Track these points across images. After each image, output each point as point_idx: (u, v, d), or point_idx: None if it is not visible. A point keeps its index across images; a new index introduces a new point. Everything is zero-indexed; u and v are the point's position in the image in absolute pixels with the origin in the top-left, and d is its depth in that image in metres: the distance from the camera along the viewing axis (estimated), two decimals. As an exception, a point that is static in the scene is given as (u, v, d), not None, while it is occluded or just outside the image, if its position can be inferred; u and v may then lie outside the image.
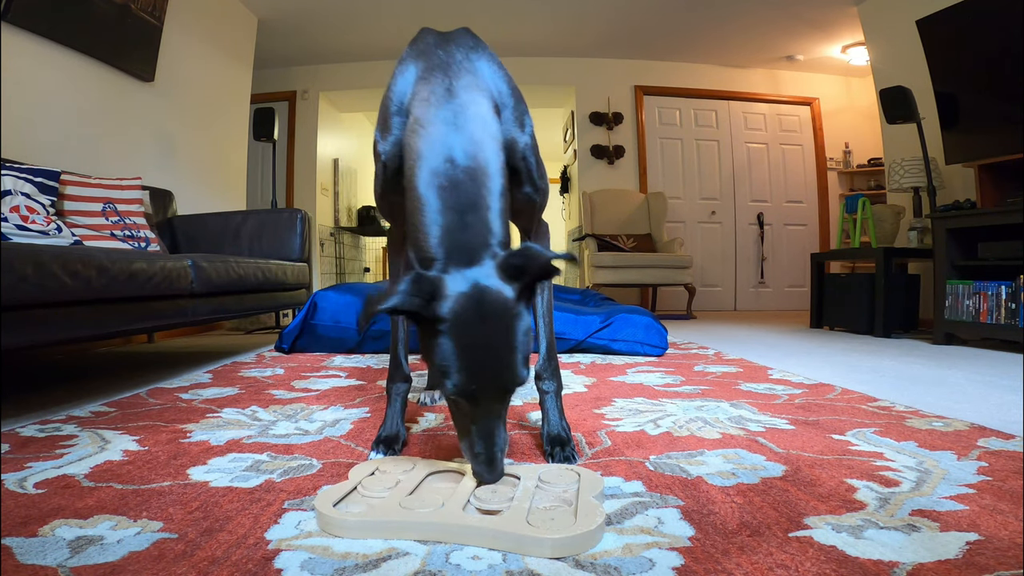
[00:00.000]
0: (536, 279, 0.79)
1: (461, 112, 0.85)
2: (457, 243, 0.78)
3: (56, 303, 1.38)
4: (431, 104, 0.86)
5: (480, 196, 0.81)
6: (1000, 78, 2.85)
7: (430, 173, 0.81)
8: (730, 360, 2.27)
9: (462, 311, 0.75)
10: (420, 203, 0.81)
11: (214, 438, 1.16)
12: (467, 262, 0.78)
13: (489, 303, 0.75)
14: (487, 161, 0.83)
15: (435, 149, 0.82)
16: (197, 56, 3.78)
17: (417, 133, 0.85)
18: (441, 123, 0.84)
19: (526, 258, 0.77)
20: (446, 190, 0.80)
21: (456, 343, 0.75)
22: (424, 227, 0.80)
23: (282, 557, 0.66)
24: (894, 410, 1.39)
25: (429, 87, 0.88)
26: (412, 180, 0.83)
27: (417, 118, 0.86)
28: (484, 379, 0.76)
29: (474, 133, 0.84)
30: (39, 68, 2.55)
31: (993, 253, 2.73)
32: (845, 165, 5.94)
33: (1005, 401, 1.55)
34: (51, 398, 1.57)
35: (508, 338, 0.76)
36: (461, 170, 0.81)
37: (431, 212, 0.80)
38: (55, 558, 0.65)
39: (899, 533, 0.71)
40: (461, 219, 0.79)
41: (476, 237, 0.79)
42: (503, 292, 0.77)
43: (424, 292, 0.75)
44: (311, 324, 2.56)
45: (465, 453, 0.82)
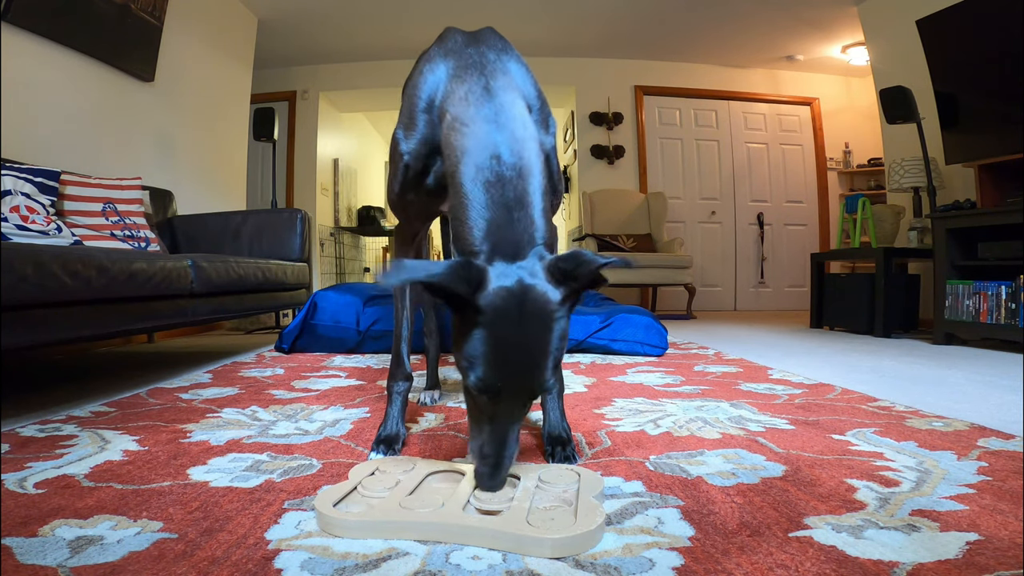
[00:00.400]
0: (584, 287, 0.77)
1: (502, 111, 0.84)
2: (504, 238, 0.77)
3: (56, 303, 1.38)
4: (471, 103, 0.86)
5: (527, 193, 0.80)
6: (1000, 78, 2.85)
7: (476, 169, 0.80)
8: (730, 360, 2.27)
9: (503, 304, 0.73)
10: (466, 199, 0.80)
11: (214, 438, 1.16)
12: (512, 257, 0.76)
13: (531, 301, 0.74)
14: (531, 160, 0.83)
15: (480, 146, 0.82)
16: (197, 56, 3.78)
17: (459, 131, 0.84)
18: (484, 121, 0.83)
19: (577, 263, 0.74)
20: (493, 186, 0.79)
21: (490, 336, 0.73)
22: (470, 221, 0.79)
23: (282, 557, 0.66)
24: (894, 410, 1.39)
25: (466, 86, 0.88)
26: (457, 177, 0.82)
27: (457, 116, 0.86)
28: (510, 378, 0.74)
29: (516, 131, 0.84)
30: (39, 68, 2.55)
31: (993, 253, 2.73)
32: (845, 165, 5.94)
33: (1005, 401, 1.55)
34: (51, 398, 1.57)
35: (544, 340, 0.74)
36: (508, 167, 0.80)
37: (478, 207, 0.79)
38: (55, 558, 0.65)
39: (899, 533, 0.71)
40: (508, 215, 0.78)
41: (523, 234, 0.78)
42: (547, 293, 0.75)
43: (471, 278, 0.72)
44: (311, 324, 2.56)
45: (472, 452, 0.80)
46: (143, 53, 3.19)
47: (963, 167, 3.27)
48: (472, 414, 0.81)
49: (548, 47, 5.52)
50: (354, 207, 6.90)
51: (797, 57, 5.59)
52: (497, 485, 0.78)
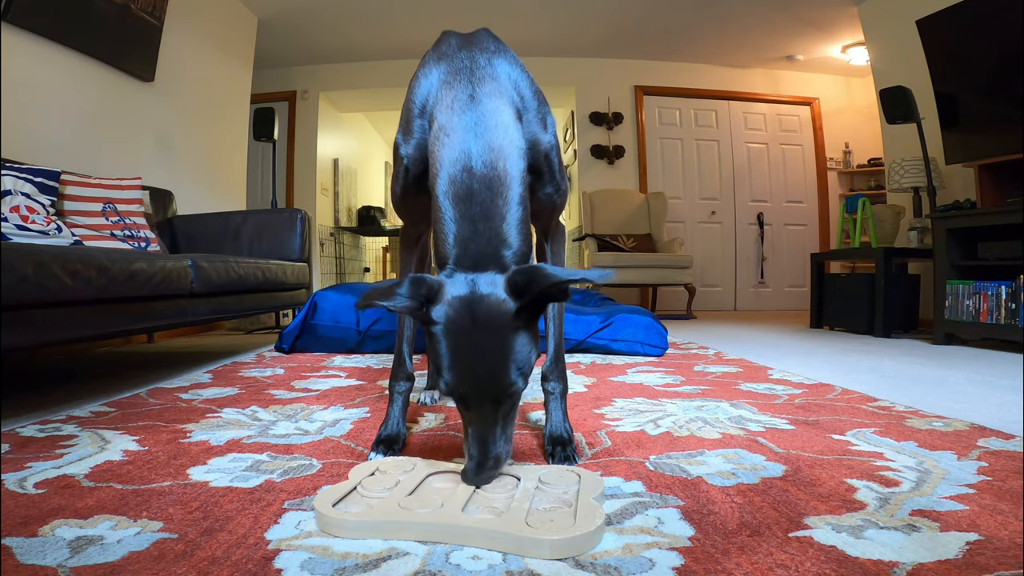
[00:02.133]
0: (541, 300, 0.78)
1: (482, 120, 0.86)
2: (466, 251, 0.80)
3: (56, 303, 1.38)
4: (454, 111, 0.87)
5: (495, 206, 0.82)
6: (1000, 78, 2.85)
7: (448, 182, 0.83)
8: (730, 360, 2.27)
9: (453, 314, 0.77)
10: (439, 211, 0.83)
11: (214, 438, 1.16)
12: (472, 270, 0.80)
13: (482, 310, 0.77)
14: (506, 170, 0.84)
15: (454, 158, 0.84)
16: (197, 56, 3.78)
17: (440, 141, 0.86)
18: (462, 130, 0.85)
19: (530, 278, 0.76)
20: (461, 200, 0.82)
21: (446, 344, 0.77)
22: (442, 234, 0.82)
23: (282, 557, 0.66)
24: (894, 410, 1.39)
25: (452, 93, 0.90)
26: (434, 188, 0.85)
27: (441, 125, 0.88)
28: (470, 384, 0.77)
29: (493, 141, 0.85)
30: (39, 68, 2.55)
31: (993, 253, 2.73)
32: (845, 165, 5.94)
33: (1005, 401, 1.55)
34: (51, 398, 1.57)
35: (499, 347, 0.77)
36: (477, 179, 0.82)
37: (448, 220, 0.82)
38: (55, 558, 0.65)
39: (899, 533, 0.71)
40: (473, 228, 0.81)
41: (486, 247, 0.80)
42: (501, 302, 0.77)
43: (420, 294, 0.77)
44: (311, 324, 2.56)
45: (465, 451, 0.83)
46: (143, 53, 3.19)
47: (963, 167, 3.27)
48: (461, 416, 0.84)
49: (548, 47, 5.52)
50: (354, 207, 6.90)
51: (797, 57, 5.59)
52: (480, 481, 0.80)
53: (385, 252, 7.63)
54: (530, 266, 0.78)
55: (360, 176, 7.23)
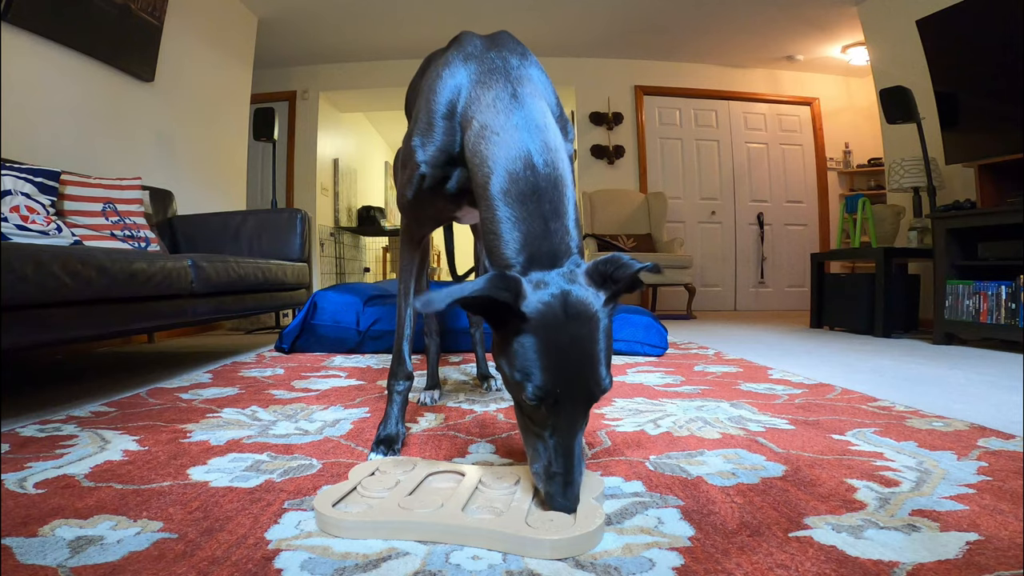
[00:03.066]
0: (624, 290, 0.76)
1: (532, 119, 0.83)
2: (540, 250, 0.77)
3: (56, 303, 1.38)
4: (500, 111, 0.84)
5: (562, 204, 0.80)
6: (1000, 78, 2.85)
7: (509, 180, 0.79)
8: (730, 360, 2.27)
9: (547, 309, 0.72)
10: (498, 212, 0.79)
11: (214, 438, 1.16)
12: (549, 267, 0.76)
13: (575, 304, 0.73)
14: (564, 170, 0.82)
15: (512, 156, 0.80)
16: (197, 56, 3.78)
17: (489, 140, 0.83)
18: (515, 129, 0.82)
19: (616, 266, 0.75)
20: (528, 198, 0.78)
21: (541, 343, 0.71)
22: (505, 235, 0.78)
23: (282, 557, 0.66)
24: (894, 410, 1.39)
25: (492, 92, 0.87)
26: (489, 189, 0.81)
27: (486, 124, 0.84)
28: (570, 381, 0.71)
29: (548, 140, 0.82)
30: (39, 68, 2.55)
31: (993, 253, 2.73)
32: (845, 165, 5.94)
33: (1005, 401, 1.55)
34: (51, 398, 1.57)
35: (593, 340, 0.73)
36: (543, 177, 0.79)
37: (510, 219, 0.78)
38: (55, 558, 0.65)
39: (899, 533, 0.71)
40: (545, 226, 0.78)
41: (560, 244, 0.78)
42: (591, 296, 0.74)
43: (510, 287, 0.71)
44: (311, 324, 2.56)
45: (536, 476, 0.75)
46: (143, 53, 3.19)
47: (963, 167, 3.27)
48: (529, 434, 0.77)
49: (548, 47, 5.52)
50: (354, 207, 6.90)
51: (797, 57, 5.59)
52: (573, 504, 0.72)
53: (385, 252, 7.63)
54: (612, 255, 0.76)
55: (360, 176, 7.23)
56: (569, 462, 0.72)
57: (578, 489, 0.73)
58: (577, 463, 0.73)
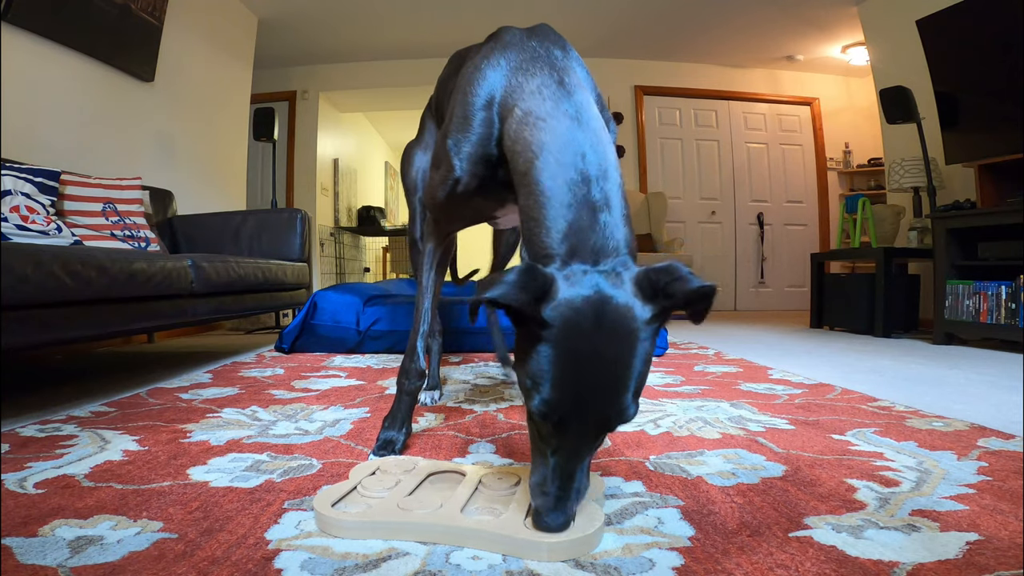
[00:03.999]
0: (678, 307, 0.66)
1: (582, 109, 0.77)
2: (584, 241, 0.68)
3: (56, 303, 1.38)
4: (546, 98, 0.79)
5: (614, 195, 0.72)
6: (1000, 78, 2.84)
7: (557, 165, 0.73)
8: (730, 360, 2.27)
9: (574, 316, 0.63)
10: (543, 197, 0.72)
11: (214, 438, 1.16)
12: (593, 263, 0.67)
13: (610, 313, 0.63)
14: (614, 162, 0.75)
15: (562, 142, 0.74)
16: (197, 56, 3.78)
17: (535, 126, 0.77)
18: (564, 117, 0.76)
19: (672, 277, 0.64)
20: (577, 185, 0.71)
21: (557, 352, 0.62)
22: (547, 222, 0.70)
23: (282, 557, 0.66)
24: (894, 410, 1.39)
25: (537, 80, 0.81)
26: (532, 174, 0.74)
27: (530, 111, 0.78)
28: (579, 402, 0.63)
29: (598, 132, 0.76)
30: (39, 68, 2.55)
31: (993, 253, 2.73)
32: (845, 165, 5.94)
33: (1005, 401, 1.55)
34: (51, 398, 1.57)
35: (623, 360, 0.63)
36: (593, 165, 0.72)
37: (557, 206, 0.70)
38: (55, 558, 0.65)
39: (899, 533, 0.71)
40: (593, 216, 0.69)
41: (608, 239, 0.68)
42: (631, 306, 0.64)
43: (535, 287, 0.63)
44: (311, 324, 2.56)
45: (532, 488, 0.69)
46: (143, 53, 3.19)
47: (963, 167, 3.27)
48: (534, 444, 0.71)
49: (548, 47, 5.51)
50: (354, 207, 6.90)
51: (797, 57, 5.58)
52: (559, 526, 0.66)
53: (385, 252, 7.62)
54: (669, 263, 0.66)
55: (360, 176, 7.23)
56: (567, 485, 0.66)
57: (571, 513, 0.68)
58: (576, 488, 0.67)
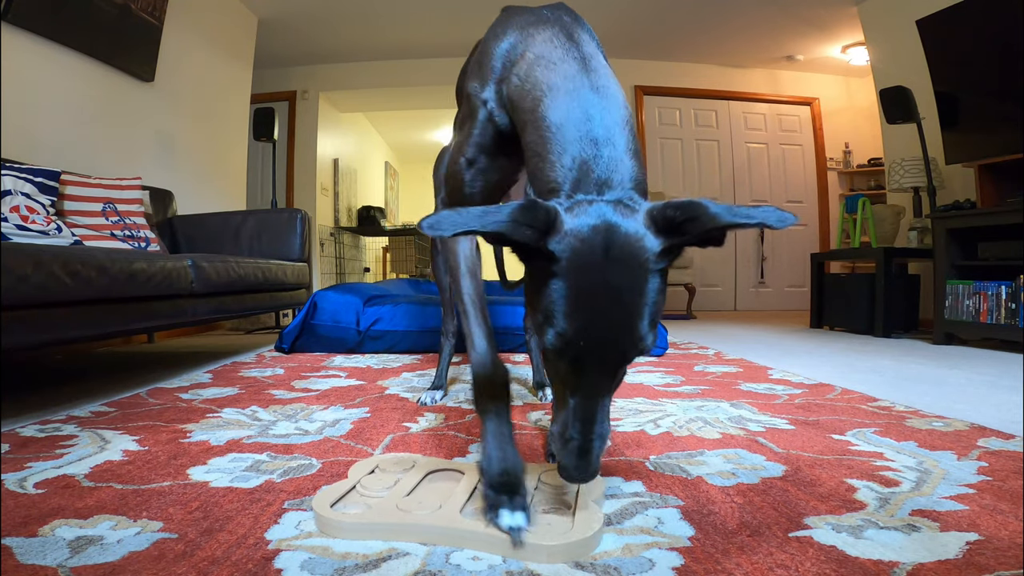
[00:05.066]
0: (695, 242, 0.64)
1: (592, 59, 0.77)
2: (588, 173, 0.67)
3: (56, 303, 1.38)
4: (556, 46, 0.79)
5: (618, 129, 0.71)
6: (1000, 78, 2.84)
7: (566, 100, 0.72)
8: (730, 360, 2.27)
9: (583, 247, 0.61)
10: (548, 131, 0.71)
11: (214, 438, 1.16)
12: (598, 194, 0.66)
13: (620, 242, 0.62)
14: (621, 101, 0.74)
15: (570, 82, 0.73)
16: (197, 56, 3.78)
17: (545, 67, 0.76)
18: (573, 61, 0.76)
19: (691, 214, 0.62)
20: (581, 121, 0.70)
21: (567, 283, 0.61)
22: (552, 156, 0.70)
23: (282, 557, 0.66)
24: (894, 410, 1.39)
25: (548, 31, 0.81)
26: (539, 110, 0.73)
27: (541, 55, 0.78)
28: (596, 333, 0.61)
29: (602, 74, 0.76)
30: (39, 68, 2.55)
31: (993, 253, 2.73)
32: (845, 165, 5.94)
33: (1005, 401, 1.55)
34: (51, 398, 1.57)
35: (635, 288, 0.62)
36: (595, 103, 0.71)
37: (561, 140, 0.70)
38: (55, 558, 0.65)
39: (899, 533, 0.71)
40: (596, 150, 0.68)
41: (612, 172, 0.68)
42: (641, 235, 0.63)
43: (537, 221, 0.61)
44: (311, 324, 2.56)
45: (551, 438, 0.68)
46: (143, 53, 3.19)
47: (963, 167, 3.27)
48: (554, 388, 0.70)
49: (548, 47, 5.51)
50: (354, 207, 6.90)
51: (797, 57, 5.58)
52: (590, 475, 0.65)
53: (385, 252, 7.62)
54: (689, 201, 0.64)
55: (360, 176, 7.23)
56: (588, 428, 0.64)
57: (596, 460, 0.65)
58: (599, 428, 0.65)
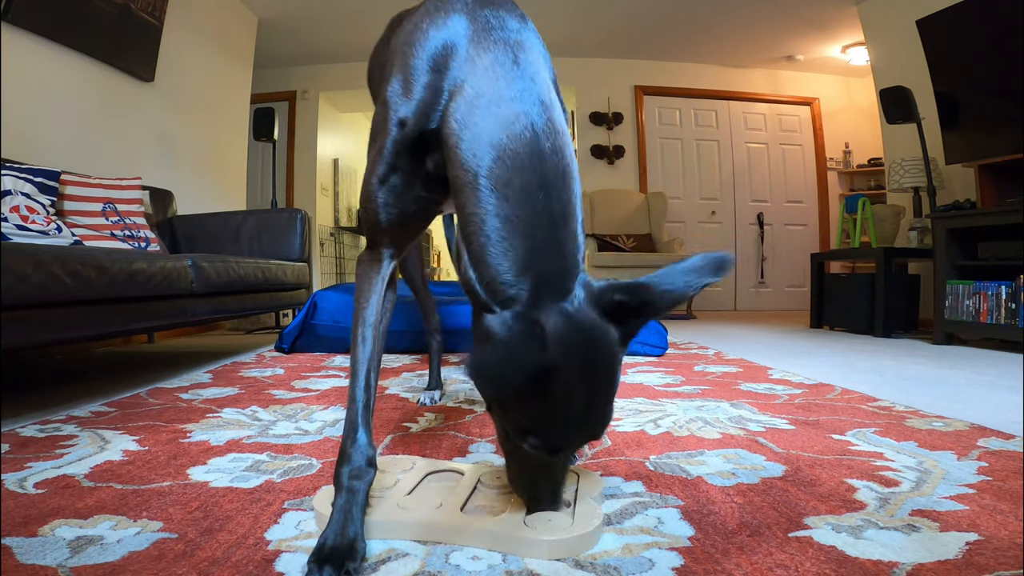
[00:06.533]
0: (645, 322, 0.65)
1: (537, 93, 0.67)
2: (549, 270, 0.61)
3: (56, 303, 1.38)
4: (499, 77, 0.67)
5: (571, 203, 0.64)
6: (1000, 78, 2.84)
7: (511, 167, 0.62)
8: (730, 360, 2.27)
9: (568, 364, 0.59)
10: (491, 206, 0.62)
11: (214, 438, 1.16)
12: (562, 295, 0.61)
13: (597, 350, 0.61)
14: (571, 158, 0.67)
15: (514, 134, 0.63)
16: (197, 56, 3.78)
17: (486, 110, 0.65)
18: (518, 102, 0.65)
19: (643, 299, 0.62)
20: (533, 193, 0.62)
21: (558, 399, 0.60)
22: (500, 241, 0.61)
23: (283, 558, 0.66)
24: (894, 410, 1.39)
25: (490, 55, 0.68)
26: (480, 173, 0.63)
27: (481, 92, 0.66)
28: (578, 433, 0.65)
29: (555, 121, 0.67)
30: (39, 68, 2.55)
31: (993, 253, 2.73)
32: (845, 165, 5.94)
33: (1005, 401, 1.55)
34: (51, 398, 1.57)
35: (612, 387, 0.64)
36: (550, 167, 0.63)
37: (510, 221, 0.61)
38: (55, 558, 0.65)
39: (899, 533, 0.71)
40: (553, 234, 0.62)
41: (569, 260, 0.63)
42: (608, 333, 0.62)
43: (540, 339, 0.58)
44: (311, 324, 2.56)
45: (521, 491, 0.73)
46: (143, 53, 3.19)
47: (963, 167, 3.27)
48: (512, 461, 0.71)
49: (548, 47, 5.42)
50: (354, 207, 6.91)
51: (797, 57, 5.58)
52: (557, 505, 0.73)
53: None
54: (636, 284, 0.62)
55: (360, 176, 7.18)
56: (556, 489, 0.71)
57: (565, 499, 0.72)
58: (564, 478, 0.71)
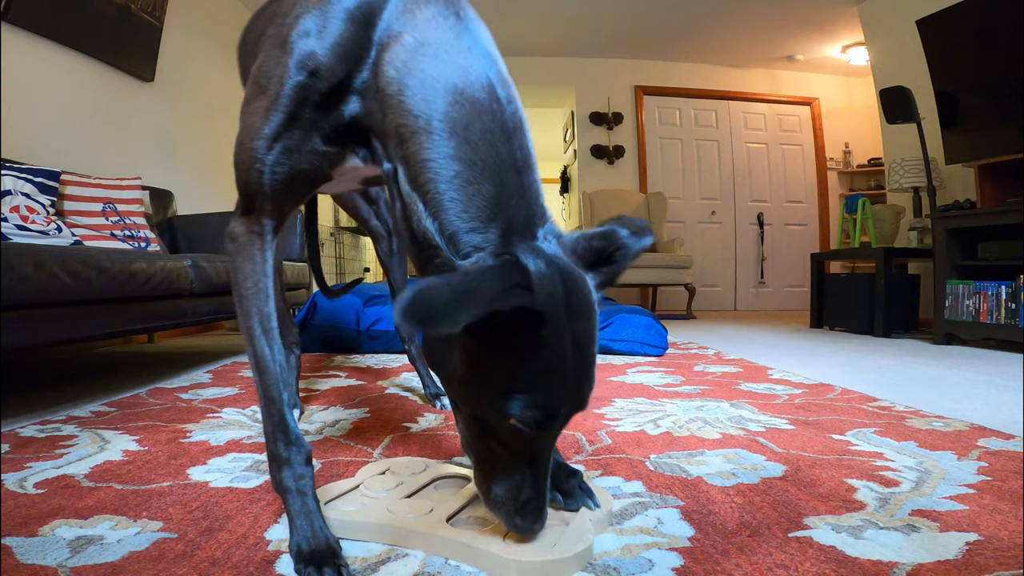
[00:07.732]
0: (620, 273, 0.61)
1: (485, 45, 0.63)
2: (517, 214, 0.57)
3: (56, 303, 1.38)
4: (444, 28, 0.62)
5: (533, 154, 0.61)
6: (1000, 78, 2.84)
7: (470, 110, 0.58)
8: (730, 360, 2.27)
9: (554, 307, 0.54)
10: (451, 151, 0.57)
11: (214, 438, 1.16)
12: (532, 238, 0.57)
13: (577, 293, 0.55)
14: (522, 109, 0.63)
15: (470, 80, 0.59)
16: (197, 56, 3.78)
17: (433, 58, 0.60)
18: (467, 52, 0.61)
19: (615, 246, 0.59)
20: (497, 137, 0.58)
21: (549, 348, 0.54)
22: (462, 187, 0.57)
23: (283, 559, 0.66)
24: (894, 410, 1.39)
25: (431, 8, 0.63)
26: (432, 120, 0.58)
27: (426, 41, 0.61)
28: (569, 395, 0.57)
29: (505, 73, 0.63)
30: (39, 68, 2.55)
31: (993, 253, 2.73)
32: (845, 165, 5.94)
33: (1005, 401, 1.55)
34: (51, 398, 1.57)
35: (593, 337, 0.58)
36: (508, 115, 0.59)
37: (475, 167, 0.57)
38: (55, 558, 0.65)
39: (899, 533, 0.71)
40: (518, 179, 0.58)
41: (537, 208, 0.59)
42: (586, 279, 0.58)
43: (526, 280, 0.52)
44: (311, 324, 2.56)
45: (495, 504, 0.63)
46: (143, 53, 3.19)
47: (963, 167, 3.27)
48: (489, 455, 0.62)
49: (548, 47, 5.52)
50: (354, 207, 6.90)
51: (797, 57, 5.58)
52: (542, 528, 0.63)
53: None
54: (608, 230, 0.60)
55: (360, 176, 7.21)
56: (544, 486, 0.61)
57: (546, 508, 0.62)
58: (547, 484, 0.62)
